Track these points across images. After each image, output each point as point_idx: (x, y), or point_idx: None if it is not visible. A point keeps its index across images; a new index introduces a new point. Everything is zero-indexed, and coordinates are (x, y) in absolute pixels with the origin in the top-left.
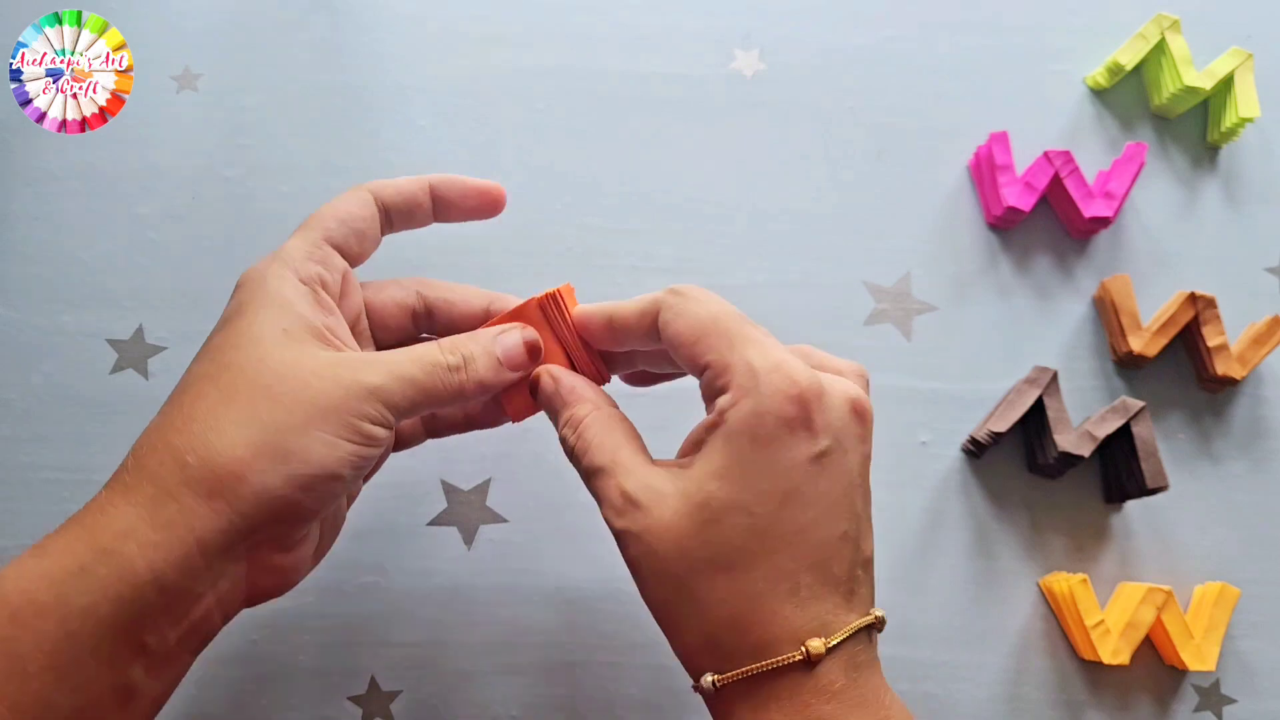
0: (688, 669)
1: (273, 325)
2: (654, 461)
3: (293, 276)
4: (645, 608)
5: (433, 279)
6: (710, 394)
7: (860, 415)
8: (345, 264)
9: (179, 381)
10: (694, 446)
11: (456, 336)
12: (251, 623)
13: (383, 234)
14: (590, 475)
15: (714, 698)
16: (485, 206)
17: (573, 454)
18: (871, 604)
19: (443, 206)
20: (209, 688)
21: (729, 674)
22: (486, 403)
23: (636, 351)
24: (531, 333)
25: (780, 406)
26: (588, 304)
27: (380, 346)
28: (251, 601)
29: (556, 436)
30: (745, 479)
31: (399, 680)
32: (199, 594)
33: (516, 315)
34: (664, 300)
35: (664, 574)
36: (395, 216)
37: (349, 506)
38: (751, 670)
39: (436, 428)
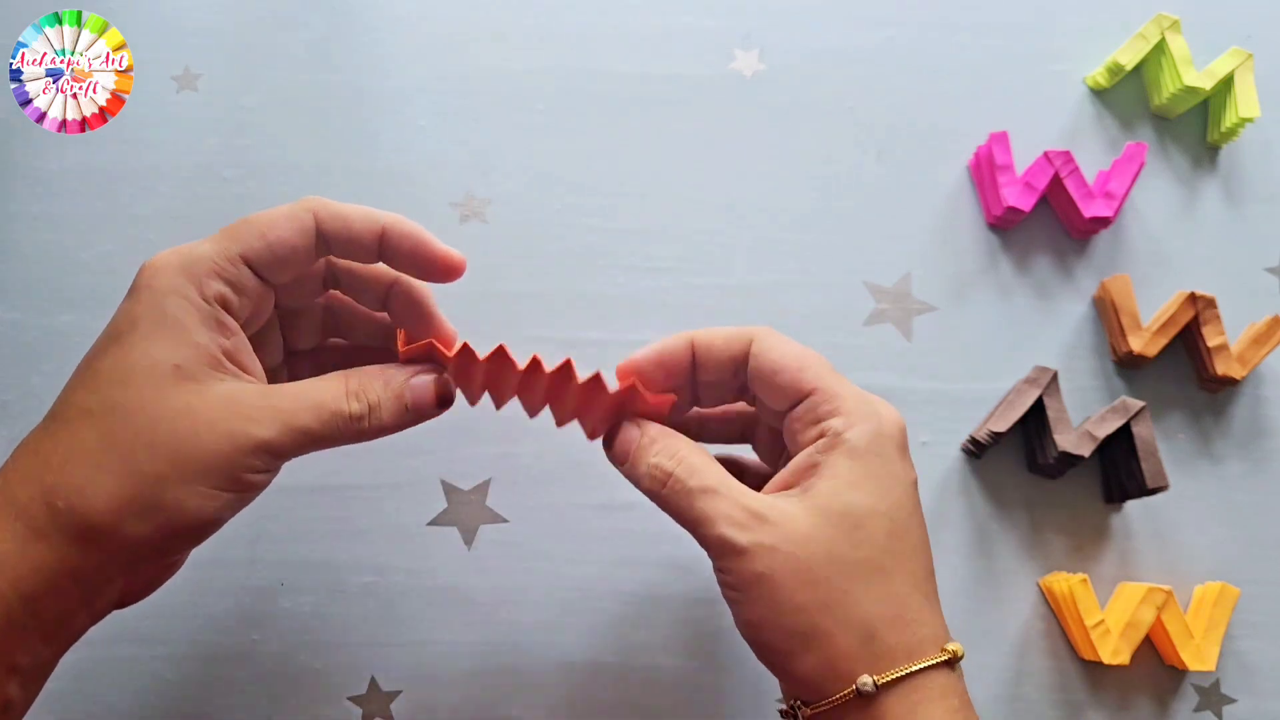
0: (817, 674)
1: (165, 358)
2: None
3: (195, 293)
4: (646, 607)
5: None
6: (814, 418)
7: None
8: (259, 285)
9: (57, 403)
10: (802, 473)
11: (365, 376)
12: (251, 622)
13: (319, 257)
14: (698, 495)
15: (860, 701)
16: (436, 273)
17: (671, 478)
18: None
19: (390, 255)
20: (209, 688)
21: (890, 673)
22: None
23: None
24: (445, 380)
25: (896, 433)
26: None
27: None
28: (121, 605)
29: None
30: (880, 489)
31: (399, 680)
32: (73, 614)
33: (468, 358)
34: (757, 332)
35: (811, 581)
36: (335, 247)
37: None
38: (910, 668)
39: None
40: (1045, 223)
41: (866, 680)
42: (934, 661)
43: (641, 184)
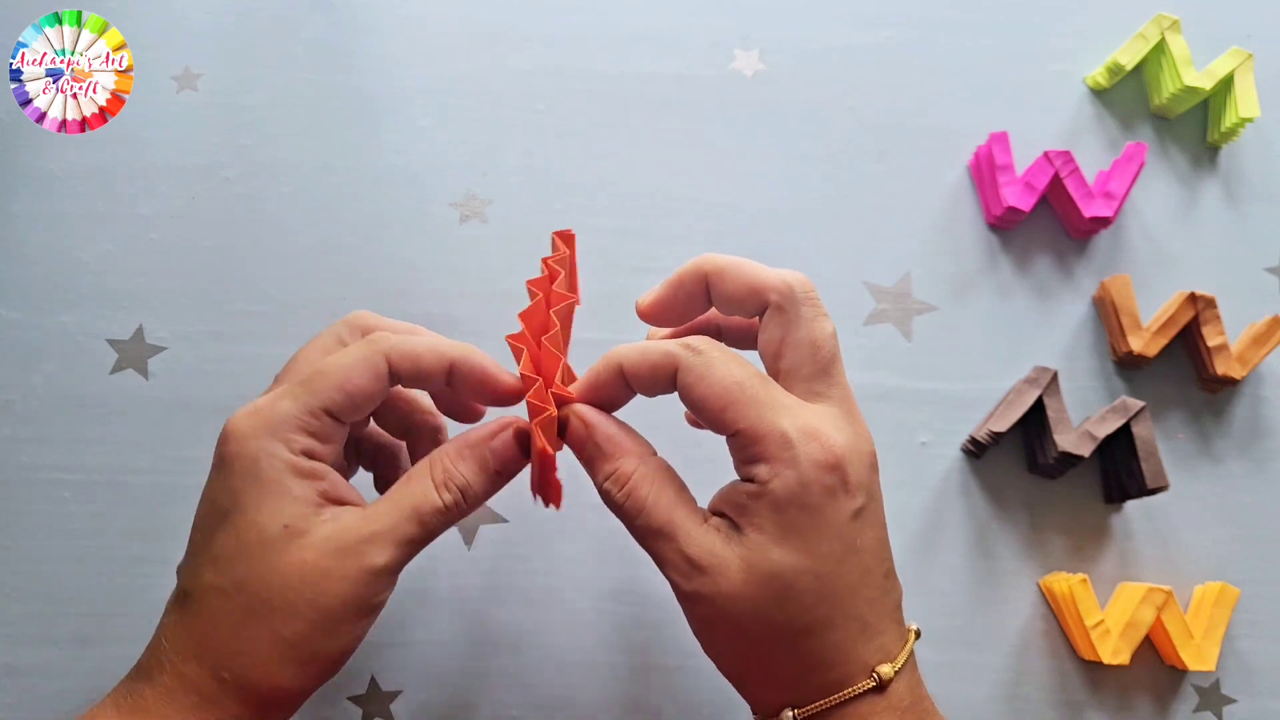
0: (758, 706)
1: (274, 523)
2: (705, 519)
3: (284, 451)
4: (646, 607)
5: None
6: (744, 458)
7: (874, 467)
8: (339, 427)
9: (188, 580)
10: (737, 510)
11: (448, 459)
12: None
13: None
14: (647, 535)
15: None
16: (497, 402)
17: (622, 511)
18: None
19: (456, 385)
20: None
21: (810, 707)
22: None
23: None
24: (522, 429)
25: (821, 476)
26: (592, 365)
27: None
28: None
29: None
30: (805, 545)
31: (399, 680)
32: None
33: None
34: (682, 359)
35: (741, 635)
36: (404, 382)
37: None
38: (831, 702)
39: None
40: (1045, 223)
41: (788, 715)
42: (852, 694)
43: (641, 184)
